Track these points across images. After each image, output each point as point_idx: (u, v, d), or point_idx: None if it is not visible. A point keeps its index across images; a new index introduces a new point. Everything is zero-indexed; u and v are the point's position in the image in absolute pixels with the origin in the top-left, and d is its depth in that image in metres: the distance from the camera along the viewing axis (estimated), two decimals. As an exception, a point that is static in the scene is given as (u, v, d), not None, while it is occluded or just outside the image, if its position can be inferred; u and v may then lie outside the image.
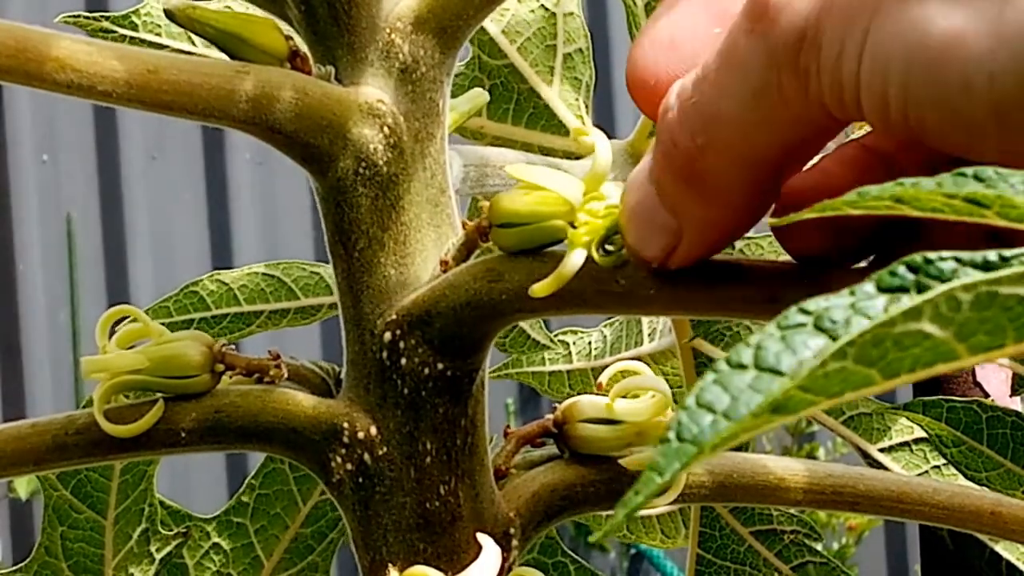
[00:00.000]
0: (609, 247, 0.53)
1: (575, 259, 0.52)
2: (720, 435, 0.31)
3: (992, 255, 0.33)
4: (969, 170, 0.36)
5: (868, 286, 0.32)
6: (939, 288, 0.31)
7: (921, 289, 0.32)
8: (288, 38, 0.59)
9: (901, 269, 0.32)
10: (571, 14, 0.85)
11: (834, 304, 0.32)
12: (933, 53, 0.41)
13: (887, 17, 0.42)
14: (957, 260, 0.32)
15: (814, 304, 0.32)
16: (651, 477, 0.31)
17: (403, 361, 0.57)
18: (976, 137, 0.42)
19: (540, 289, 0.52)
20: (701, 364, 0.87)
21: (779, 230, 0.50)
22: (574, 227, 0.53)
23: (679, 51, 0.49)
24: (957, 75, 0.41)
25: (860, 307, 0.32)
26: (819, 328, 0.32)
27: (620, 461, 0.61)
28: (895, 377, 0.32)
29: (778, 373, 0.32)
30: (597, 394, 0.62)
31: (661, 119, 0.49)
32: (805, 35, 0.44)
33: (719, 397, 0.32)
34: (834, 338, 0.32)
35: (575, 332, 0.95)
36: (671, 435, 0.31)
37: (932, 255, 0.32)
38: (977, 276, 0.32)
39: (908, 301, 0.32)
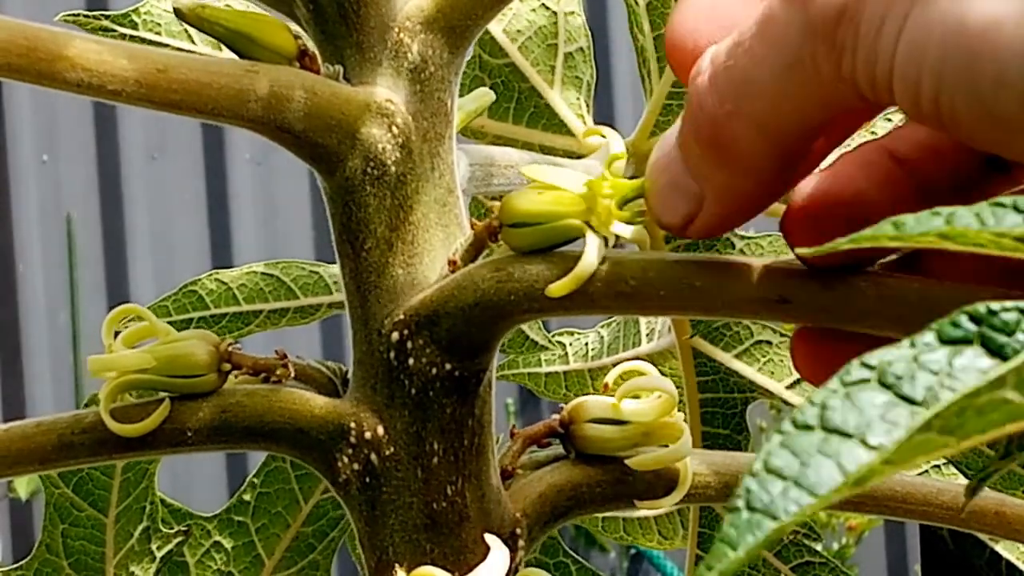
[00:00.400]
0: (629, 224, 0.53)
1: (592, 257, 0.52)
2: (797, 512, 0.30)
3: None
4: (1007, 200, 0.35)
5: (928, 337, 0.32)
6: (1021, 357, 0.31)
7: (985, 341, 0.32)
8: (297, 37, 0.59)
9: (963, 319, 0.32)
10: (572, 13, 0.85)
11: (895, 357, 0.32)
12: (970, 41, 0.41)
13: (928, 1, 0.42)
14: (1021, 311, 0.32)
15: (875, 358, 0.32)
16: (723, 551, 0.30)
17: (411, 361, 0.57)
18: (1008, 132, 0.42)
19: (558, 289, 0.52)
20: (701, 363, 0.87)
21: (791, 236, 0.50)
22: (590, 226, 0.53)
23: (719, 17, 0.49)
24: (991, 66, 0.41)
25: (922, 360, 0.32)
26: (883, 384, 0.32)
27: (627, 461, 0.61)
28: (969, 440, 0.31)
29: (846, 435, 0.31)
30: (603, 394, 0.62)
31: (692, 82, 0.48)
32: (846, 10, 0.44)
33: (788, 462, 0.31)
34: (899, 395, 0.31)
35: (572, 333, 0.95)
36: (740, 504, 0.30)
37: (995, 305, 0.32)
38: None
39: (972, 354, 0.31)
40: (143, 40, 0.82)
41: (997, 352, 0.32)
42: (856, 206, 0.49)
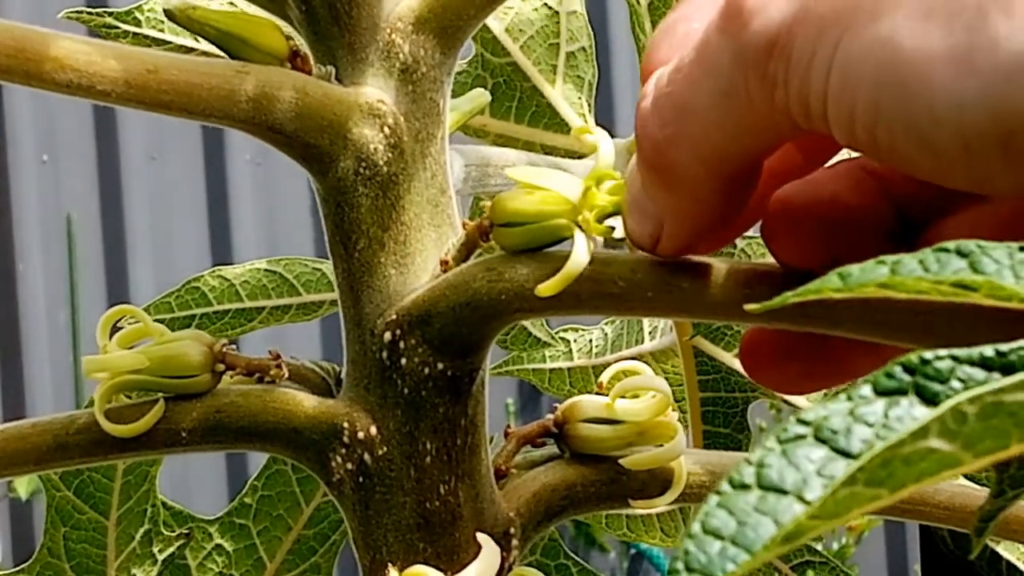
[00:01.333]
0: (615, 235, 0.53)
1: (580, 257, 0.52)
2: (734, 570, 0.30)
3: (989, 351, 0.32)
4: (951, 245, 0.35)
5: (865, 389, 0.32)
6: (944, 405, 0.31)
7: (919, 390, 0.32)
8: (288, 38, 0.59)
9: (897, 370, 0.32)
10: (574, 12, 0.85)
11: (832, 412, 0.32)
12: (903, 76, 0.41)
13: (858, 32, 0.42)
14: (954, 359, 0.32)
15: (812, 414, 0.32)
16: None
17: (403, 361, 0.57)
18: (945, 164, 0.42)
19: (546, 288, 0.53)
20: (702, 362, 0.87)
21: (772, 243, 0.50)
22: (579, 226, 0.53)
23: (690, 44, 0.48)
24: (926, 102, 0.40)
25: (859, 414, 0.32)
26: (819, 439, 0.31)
27: (621, 461, 0.61)
28: (901, 490, 0.31)
29: (782, 492, 0.31)
30: (598, 394, 0.62)
31: (638, 107, 0.49)
32: (777, 42, 0.43)
33: (725, 522, 0.31)
34: (835, 449, 0.31)
35: (576, 330, 0.95)
36: (679, 565, 0.30)
37: (928, 354, 0.32)
38: (977, 378, 0.31)
39: (907, 404, 0.31)
40: (147, 38, 0.82)
41: (932, 400, 0.32)
42: (833, 208, 0.49)
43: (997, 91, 0.39)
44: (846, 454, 0.31)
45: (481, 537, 0.58)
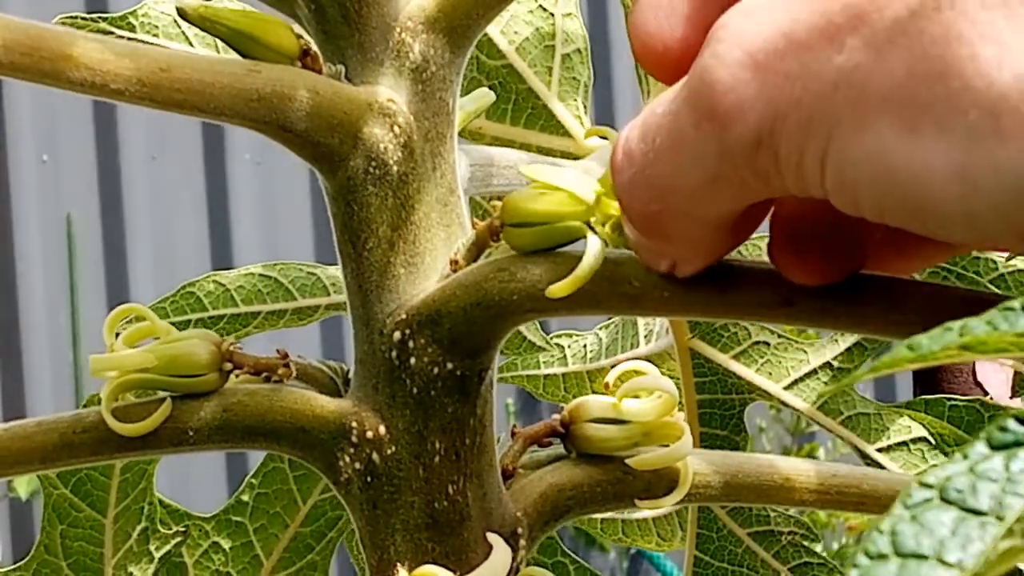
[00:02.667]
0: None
1: (593, 258, 0.52)
2: None
3: None
4: (1016, 303, 0.36)
5: (980, 447, 0.32)
6: None
7: None
8: (299, 37, 0.59)
9: (1011, 424, 0.32)
10: (569, 14, 0.85)
11: (953, 472, 0.32)
12: (904, 191, 0.41)
13: (846, 141, 0.42)
14: None
15: (933, 477, 0.32)
16: None
17: (412, 360, 0.57)
18: (958, 241, 0.43)
19: (559, 289, 0.53)
20: (698, 364, 0.87)
21: (785, 271, 0.50)
22: (591, 227, 0.53)
23: (678, 11, 0.48)
24: (933, 210, 0.41)
25: (980, 470, 0.32)
26: (946, 500, 0.32)
27: (627, 461, 0.61)
28: None
29: (921, 557, 0.31)
30: (603, 394, 0.62)
31: (615, 177, 0.49)
32: (760, 142, 0.44)
33: None
34: (965, 508, 0.31)
35: (570, 335, 0.95)
36: None
37: None
38: None
39: None
40: (141, 43, 0.82)
41: None
42: (835, 228, 0.49)
43: (1006, 208, 0.40)
44: (977, 512, 0.32)
45: (492, 537, 0.58)
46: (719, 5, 0.46)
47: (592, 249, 0.52)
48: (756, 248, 0.83)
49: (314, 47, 0.59)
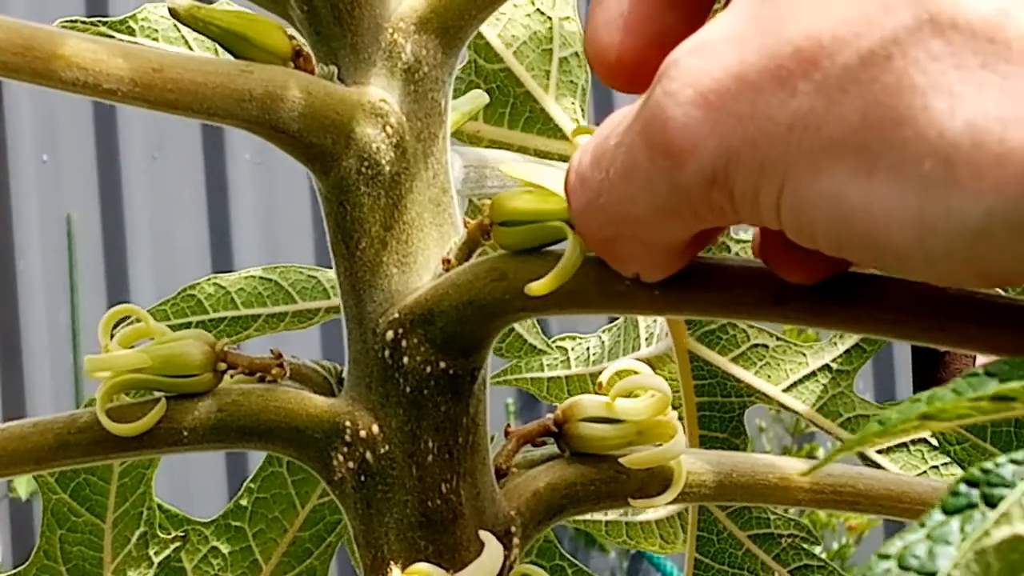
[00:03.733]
0: None
1: (571, 256, 0.52)
2: None
3: None
4: (979, 369, 0.36)
5: (936, 515, 0.33)
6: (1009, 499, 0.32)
7: (988, 500, 0.32)
8: (291, 38, 0.59)
9: (963, 488, 0.33)
10: (567, 18, 0.85)
11: (911, 541, 0.32)
12: (860, 230, 0.42)
13: (801, 183, 0.43)
14: (1014, 462, 0.33)
15: (892, 547, 0.32)
16: None
17: (405, 360, 0.57)
18: (919, 280, 0.45)
19: (539, 287, 0.53)
20: (698, 367, 0.87)
21: (772, 261, 0.50)
22: (571, 226, 0.53)
23: (629, 25, 0.49)
24: (892, 252, 0.42)
25: (937, 535, 0.32)
26: (904, 568, 0.32)
27: (620, 460, 0.61)
28: None
29: None
30: (597, 393, 0.62)
31: (569, 200, 0.50)
32: (715, 179, 0.45)
33: None
34: (924, 574, 0.32)
35: (573, 338, 0.95)
36: None
37: (988, 465, 0.33)
38: None
39: (979, 517, 0.32)
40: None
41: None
42: None
43: (964, 253, 0.41)
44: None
45: (484, 535, 0.58)
46: (669, 20, 0.48)
47: (571, 248, 0.52)
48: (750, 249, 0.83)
49: (306, 48, 0.59)
